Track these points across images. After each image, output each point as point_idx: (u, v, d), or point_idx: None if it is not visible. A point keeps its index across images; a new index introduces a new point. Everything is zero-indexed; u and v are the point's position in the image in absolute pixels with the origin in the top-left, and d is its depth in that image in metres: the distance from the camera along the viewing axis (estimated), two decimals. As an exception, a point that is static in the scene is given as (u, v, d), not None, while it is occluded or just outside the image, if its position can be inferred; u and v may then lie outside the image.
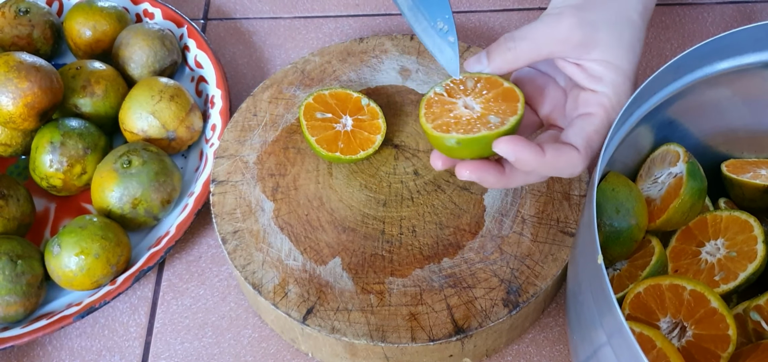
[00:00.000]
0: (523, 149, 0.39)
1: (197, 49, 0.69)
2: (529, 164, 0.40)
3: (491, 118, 0.41)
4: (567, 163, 0.41)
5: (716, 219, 0.51)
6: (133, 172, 0.57)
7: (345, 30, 0.75)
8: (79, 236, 0.54)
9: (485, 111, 0.41)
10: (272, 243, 0.54)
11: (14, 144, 0.62)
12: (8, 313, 0.53)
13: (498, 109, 0.41)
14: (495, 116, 0.41)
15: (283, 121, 0.61)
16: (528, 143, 0.39)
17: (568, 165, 0.41)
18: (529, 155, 0.39)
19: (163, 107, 0.60)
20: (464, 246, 0.53)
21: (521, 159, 0.39)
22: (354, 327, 0.49)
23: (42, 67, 0.58)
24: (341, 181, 0.57)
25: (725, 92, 0.51)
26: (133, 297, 0.57)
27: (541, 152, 0.40)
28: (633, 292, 0.47)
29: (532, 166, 0.40)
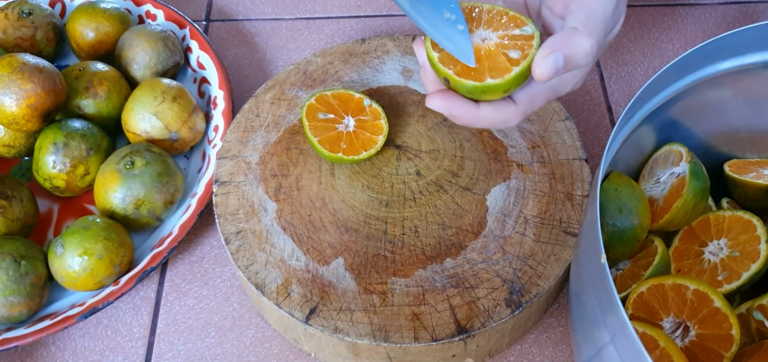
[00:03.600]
0: (458, 106, 0.42)
1: (200, 51, 0.69)
2: (462, 119, 0.42)
3: (511, 51, 0.40)
4: (502, 117, 0.43)
5: (719, 219, 0.51)
6: (136, 173, 0.57)
7: (347, 31, 0.75)
8: (83, 237, 0.54)
9: (503, 43, 0.41)
10: (275, 243, 0.54)
11: (17, 145, 0.62)
12: (12, 314, 0.53)
13: (513, 39, 0.41)
14: (514, 50, 0.41)
15: (286, 122, 0.61)
16: (461, 100, 0.42)
17: (503, 119, 0.43)
18: (463, 111, 0.42)
19: (165, 108, 0.61)
20: (467, 246, 0.53)
21: (455, 115, 0.42)
22: (357, 327, 0.49)
23: (45, 68, 0.58)
24: (344, 182, 0.57)
25: (727, 92, 0.51)
26: (136, 298, 0.58)
27: (475, 107, 0.42)
28: (636, 292, 0.47)
29: (466, 120, 0.42)
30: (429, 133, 0.60)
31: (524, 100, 0.42)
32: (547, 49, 0.39)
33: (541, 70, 0.39)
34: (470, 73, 0.40)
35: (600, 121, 0.67)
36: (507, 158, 0.58)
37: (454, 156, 0.58)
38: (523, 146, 0.59)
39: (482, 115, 0.42)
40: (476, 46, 0.41)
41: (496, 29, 0.41)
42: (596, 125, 0.66)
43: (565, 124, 0.60)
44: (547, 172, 0.57)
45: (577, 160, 0.57)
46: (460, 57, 0.41)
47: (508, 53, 0.40)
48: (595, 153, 0.64)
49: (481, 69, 0.40)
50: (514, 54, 0.40)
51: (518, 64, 0.40)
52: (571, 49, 0.40)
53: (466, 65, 0.40)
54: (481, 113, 0.42)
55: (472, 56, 0.41)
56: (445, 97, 0.42)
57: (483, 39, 0.41)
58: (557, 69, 0.39)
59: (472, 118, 0.42)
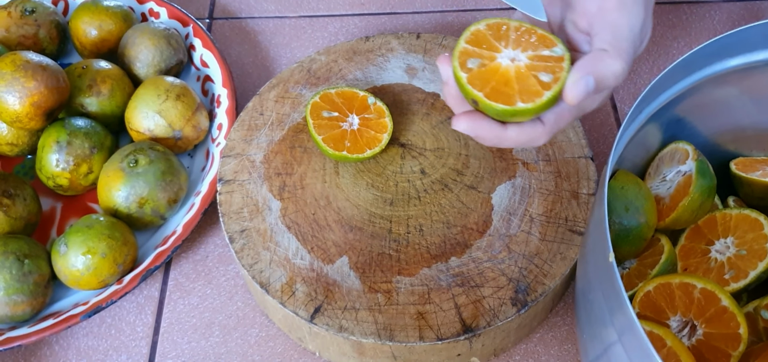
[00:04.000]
0: (485, 128, 0.41)
1: (203, 49, 0.68)
2: (489, 141, 0.42)
3: (541, 74, 0.40)
4: (529, 137, 0.42)
5: (726, 218, 0.51)
6: (139, 172, 0.57)
7: (350, 29, 0.74)
8: (86, 235, 0.53)
9: (533, 64, 0.40)
10: (279, 242, 0.54)
11: (21, 143, 0.62)
12: (15, 313, 0.52)
13: (543, 60, 0.40)
14: (545, 73, 0.40)
15: (290, 120, 0.61)
16: (488, 122, 0.41)
17: (530, 139, 0.42)
18: (490, 133, 0.41)
19: (169, 106, 0.60)
20: (472, 245, 0.53)
21: (482, 136, 0.42)
22: (362, 326, 0.49)
23: (48, 66, 0.58)
24: (348, 180, 0.57)
25: (733, 90, 0.51)
26: (140, 297, 0.57)
27: (502, 129, 0.41)
28: (643, 291, 0.46)
29: (491, 142, 0.42)
30: (433, 131, 0.60)
31: (551, 120, 0.41)
32: (578, 72, 0.39)
33: (572, 95, 0.39)
34: (500, 97, 0.39)
35: (605, 118, 0.66)
36: (512, 156, 0.58)
37: (458, 154, 0.58)
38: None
39: (509, 136, 0.42)
40: (505, 67, 0.40)
41: (525, 49, 0.41)
42: (601, 123, 0.66)
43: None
44: (553, 170, 0.57)
45: (582, 159, 0.57)
46: (528, 10, 0.40)
47: (538, 76, 0.40)
48: (599, 151, 0.64)
49: (511, 92, 0.39)
50: (544, 77, 0.40)
51: (550, 88, 0.39)
52: (601, 72, 0.39)
53: (495, 88, 0.40)
54: (508, 134, 0.41)
55: (541, 8, 0.40)
56: (472, 120, 0.41)
57: (512, 59, 0.40)
58: (588, 92, 0.39)
59: (498, 140, 0.42)
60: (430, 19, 0.75)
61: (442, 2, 0.76)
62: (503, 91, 0.39)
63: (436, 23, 0.74)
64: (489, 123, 0.41)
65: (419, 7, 0.76)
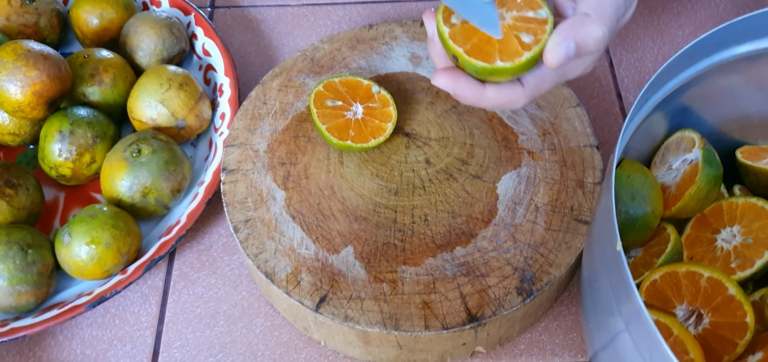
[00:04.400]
0: (463, 85, 0.41)
1: (205, 37, 0.68)
2: (467, 99, 0.42)
3: (523, 35, 0.40)
4: (508, 98, 0.42)
5: (732, 206, 0.51)
6: (142, 161, 0.56)
7: (353, 17, 0.74)
8: (90, 225, 0.53)
9: (516, 24, 0.40)
10: (284, 231, 0.53)
11: (22, 133, 0.61)
12: (20, 303, 0.52)
13: (526, 21, 0.40)
14: (527, 34, 0.40)
15: (293, 109, 0.61)
16: (467, 80, 0.41)
17: (509, 101, 0.42)
18: (468, 91, 0.41)
19: (171, 96, 0.60)
20: (477, 234, 0.53)
21: (460, 94, 0.42)
22: (367, 316, 0.49)
23: (50, 55, 0.57)
24: (352, 170, 0.57)
25: (739, 79, 0.51)
26: (144, 287, 0.57)
27: (481, 87, 0.41)
28: (649, 280, 0.46)
29: (470, 100, 0.42)
30: (438, 121, 0.59)
31: (531, 83, 0.42)
32: (559, 35, 0.39)
33: (552, 57, 0.39)
34: (480, 54, 0.40)
35: (610, 107, 0.66)
36: (517, 145, 0.57)
37: (463, 143, 0.58)
38: (533, 133, 0.58)
39: (487, 96, 0.42)
40: None
41: (510, 9, 0.41)
42: (606, 112, 0.66)
43: (576, 111, 0.59)
44: (558, 159, 0.56)
45: (588, 147, 0.57)
46: (485, 28, 0.40)
47: (520, 36, 0.40)
48: (604, 139, 0.64)
49: (491, 50, 0.40)
50: (526, 38, 0.40)
51: (530, 49, 0.39)
52: (582, 35, 0.39)
53: (476, 45, 0.40)
54: (486, 93, 0.42)
55: (498, 27, 0.40)
56: (451, 76, 0.41)
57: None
58: (568, 56, 0.39)
59: (476, 99, 0.42)
60: (434, 6, 0.74)
61: (446, -10, 0.76)
62: (483, 49, 0.40)
63: (440, 11, 0.74)
64: (468, 80, 0.41)
65: (422, -5, 0.75)
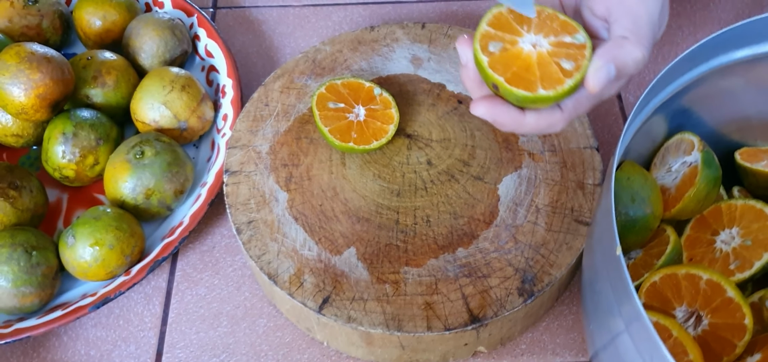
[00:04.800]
0: (503, 113, 0.41)
1: (207, 39, 0.68)
2: (507, 127, 0.42)
3: (563, 61, 0.40)
4: (548, 123, 0.42)
5: (731, 208, 0.51)
6: (146, 163, 0.57)
7: (355, 18, 0.74)
8: (94, 227, 0.54)
9: (555, 51, 0.40)
10: (287, 233, 0.54)
11: (26, 135, 0.62)
12: (24, 304, 0.53)
13: (564, 47, 0.40)
14: (567, 60, 0.40)
15: (295, 111, 0.61)
16: (507, 108, 0.41)
17: (548, 125, 0.42)
18: (508, 118, 0.41)
19: (174, 97, 0.60)
20: (479, 235, 0.53)
21: (500, 122, 0.42)
22: (370, 317, 0.49)
23: (53, 57, 0.57)
24: (355, 171, 0.57)
25: (739, 81, 0.51)
26: (148, 288, 0.58)
27: (521, 114, 0.41)
28: (649, 281, 0.47)
29: (509, 127, 0.42)
30: (440, 122, 0.60)
31: (570, 107, 0.41)
32: (600, 60, 0.39)
33: (594, 82, 0.39)
34: (521, 82, 0.39)
35: (609, 108, 0.67)
36: (518, 147, 0.58)
37: (465, 145, 0.58)
38: (534, 135, 0.58)
39: (528, 122, 0.42)
40: (527, 52, 0.40)
41: (547, 35, 0.41)
42: (606, 112, 0.66)
43: (575, 113, 0.59)
44: (559, 160, 0.57)
45: (588, 149, 0.57)
46: (518, 7, 0.40)
47: (560, 62, 0.40)
48: (605, 140, 0.64)
49: (532, 78, 0.39)
50: (566, 64, 0.39)
51: (572, 76, 0.39)
52: (622, 59, 0.40)
53: (516, 73, 0.39)
54: (526, 120, 0.42)
55: (532, 5, 0.40)
56: (492, 105, 0.41)
57: (534, 44, 0.40)
58: (609, 80, 0.39)
59: (517, 125, 0.42)
60: (434, 8, 0.74)
61: (446, -9, 0.76)
62: (524, 77, 0.39)
63: (441, 12, 0.74)
64: (508, 108, 0.41)
65: (423, -4, 0.76)
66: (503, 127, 0.42)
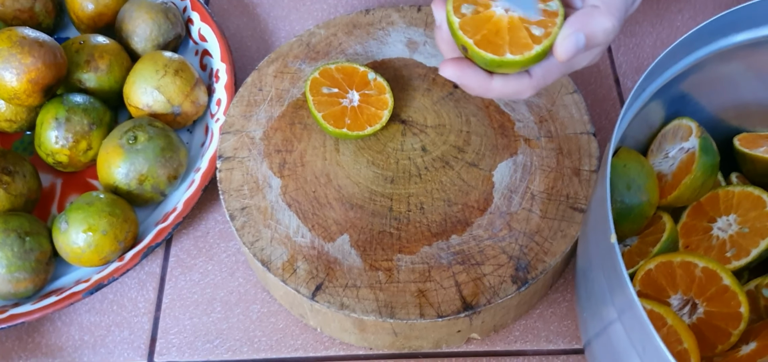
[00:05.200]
0: (470, 76, 0.41)
1: (201, 22, 0.68)
2: (474, 90, 0.42)
3: (533, 28, 0.40)
4: (515, 89, 0.42)
5: (728, 195, 0.51)
6: (139, 148, 0.56)
7: (350, 1, 0.73)
8: (87, 213, 0.53)
9: (525, 17, 0.40)
10: (280, 219, 0.53)
11: (19, 119, 0.61)
12: (18, 290, 0.53)
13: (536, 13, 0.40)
14: (538, 27, 0.40)
15: (289, 96, 0.61)
16: (475, 70, 0.41)
17: (515, 91, 0.42)
18: (475, 81, 0.41)
19: (167, 82, 0.60)
20: (473, 222, 0.53)
21: (467, 84, 0.42)
22: (363, 304, 0.49)
23: (45, 42, 0.57)
24: (348, 157, 0.57)
25: (738, 66, 0.51)
26: (142, 273, 0.58)
27: (488, 78, 0.41)
28: (644, 269, 0.46)
29: (477, 91, 0.42)
30: (435, 108, 0.59)
31: (539, 74, 0.42)
32: (569, 28, 0.39)
33: (562, 51, 0.39)
34: (489, 45, 0.39)
35: (607, 93, 0.66)
36: (514, 133, 0.57)
37: (460, 131, 0.58)
38: (530, 120, 0.58)
39: (494, 87, 0.42)
40: (499, 16, 0.40)
41: None
42: (604, 97, 0.65)
43: (572, 98, 0.59)
44: (555, 146, 0.56)
45: (584, 135, 0.57)
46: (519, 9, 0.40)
47: (530, 28, 0.40)
48: (602, 126, 0.64)
49: (501, 42, 0.39)
50: (536, 30, 0.39)
51: (540, 42, 0.39)
52: (592, 28, 0.39)
53: (486, 36, 0.40)
54: (493, 85, 0.42)
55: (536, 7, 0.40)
56: (459, 66, 0.41)
57: (506, 9, 0.40)
58: (578, 49, 0.39)
59: (483, 90, 0.42)
60: (431, -9, 0.73)
61: (444, -26, 0.75)
62: (493, 41, 0.39)
63: (438, -5, 0.73)
64: (476, 71, 0.41)
65: (420, -21, 0.75)
66: (471, 90, 0.42)
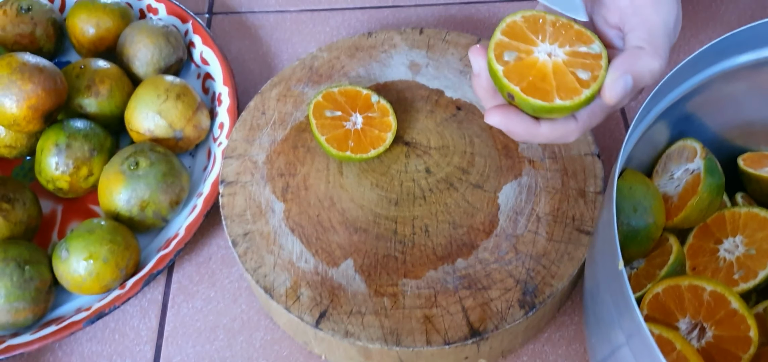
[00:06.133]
0: (517, 123, 0.40)
1: (203, 45, 0.67)
2: (520, 137, 0.41)
3: (579, 71, 0.39)
4: (562, 134, 0.42)
5: (734, 216, 0.50)
6: (140, 174, 0.56)
7: (352, 23, 0.73)
8: (88, 240, 0.53)
9: (571, 60, 0.40)
10: (283, 244, 0.53)
11: (19, 145, 0.61)
12: (17, 320, 0.52)
13: (580, 57, 0.40)
14: (583, 70, 0.39)
15: (292, 119, 0.60)
16: (522, 118, 0.40)
17: (562, 136, 0.42)
18: (522, 128, 0.41)
19: (169, 106, 0.59)
20: (478, 245, 0.52)
21: (513, 131, 0.41)
22: (368, 331, 0.48)
23: (45, 68, 0.57)
24: (352, 180, 0.56)
25: (742, 86, 0.50)
26: (143, 301, 0.57)
27: (535, 125, 0.41)
28: (651, 292, 0.46)
29: (523, 137, 0.41)
30: (438, 129, 0.59)
31: (584, 117, 0.41)
32: (617, 71, 0.39)
33: (611, 94, 0.39)
34: (537, 92, 0.39)
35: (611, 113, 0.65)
36: (518, 154, 0.57)
37: (464, 152, 0.57)
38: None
39: (541, 133, 0.41)
40: (543, 61, 0.40)
41: (562, 44, 0.40)
42: (607, 118, 0.65)
43: (576, 119, 0.58)
44: (559, 168, 0.56)
45: (589, 156, 0.56)
46: (567, 10, 0.40)
47: (576, 73, 0.39)
48: (606, 146, 0.63)
49: (548, 87, 0.39)
50: (582, 74, 0.39)
51: (588, 86, 0.39)
52: (639, 71, 0.39)
53: (532, 83, 0.39)
54: (540, 131, 0.41)
55: (582, 8, 0.40)
56: (506, 114, 0.40)
57: (549, 54, 0.40)
58: (626, 92, 0.39)
59: (530, 136, 0.41)
60: (432, 12, 0.74)
61: (445, -6, 0.75)
62: (540, 87, 0.39)
63: (439, 16, 0.73)
64: (522, 118, 0.41)
65: (422, 0, 0.75)
66: (517, 136, 0.41)
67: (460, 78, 0.62)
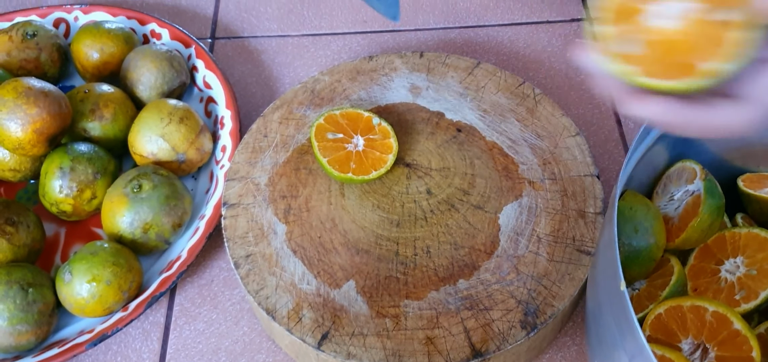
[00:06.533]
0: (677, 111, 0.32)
1: (206, 70, 0.68)
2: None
3: (716, 13, 0.29)
4: None
5: (735, 237, 0.50)
6: (143, 197, 0.56)
7: (353, 47, 0.74)
8: (91, 263, 0.53)
9: (703, 7, 0.30)
10: (285, 266, 0.53)
11: (23, 169, 0.61)
12: (20, 342, 0.52)
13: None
14: (719, 10, 0.29)
15: (294, 142, 0.61)
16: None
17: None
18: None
19: (172, 130, 0.60)
20: (480, 266, 0.52)
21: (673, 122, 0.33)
22: (370, 353, 0.48)
23: (50, 92, 0.57)
24: (354, 202, 0.57)
25: (741, 106, 0.51)
26: (146, 323, 0.57)
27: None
28: (653, 313, 0.46)
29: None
30: (439, 150, 0.59)
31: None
32: None
33: None
34: (669, 73, 0.30)
35: (609, 134, 0.66)
36: (518, 175, 0.57)
37: (464, 173, 0.58)
38: (534, 163, 0.58)
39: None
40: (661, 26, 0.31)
41: None
42: (606, 138, 0.66)
43: (575, 140, 0.59)
44: (559, 188, 0.56)
45: (588, 177, 0.57)
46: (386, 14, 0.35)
47: (713, 16, 0.29)
48: (605, 166, 0.64)
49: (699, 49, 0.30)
50: (720, 15, 0.29)
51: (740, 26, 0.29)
52: None
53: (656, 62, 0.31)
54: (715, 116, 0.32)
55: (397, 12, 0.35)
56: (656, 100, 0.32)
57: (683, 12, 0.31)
58: None
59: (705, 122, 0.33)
60: (433, 36, 0.74)
61: (445, 19, 0.76)
62: (672, 61, 0.30)
63: (439, 40, 0.74)
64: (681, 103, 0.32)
65: (422, 24, 0.76)
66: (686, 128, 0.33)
67: (460, 100, 0.63)
